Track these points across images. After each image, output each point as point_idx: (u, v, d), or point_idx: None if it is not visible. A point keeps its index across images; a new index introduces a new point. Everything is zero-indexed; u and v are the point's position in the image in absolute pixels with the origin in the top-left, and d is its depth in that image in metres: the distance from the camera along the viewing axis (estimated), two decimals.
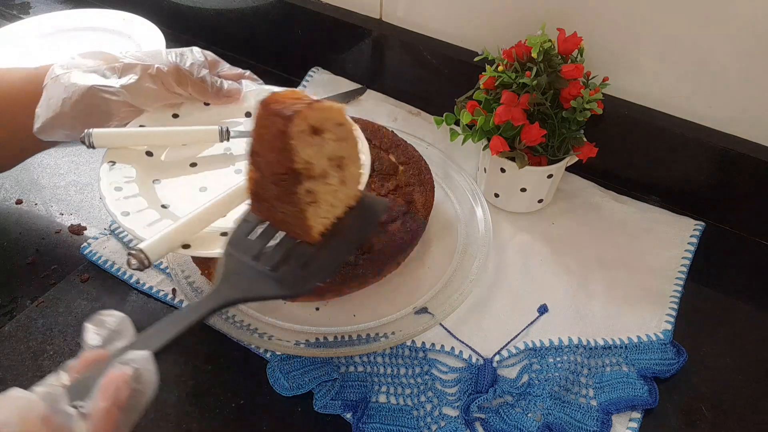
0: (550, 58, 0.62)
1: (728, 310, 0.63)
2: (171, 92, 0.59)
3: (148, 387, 0.36)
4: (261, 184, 0.44)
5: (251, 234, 0.46)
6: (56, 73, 0.57)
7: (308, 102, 0.42)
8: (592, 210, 0.71)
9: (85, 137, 0.55)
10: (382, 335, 0.57)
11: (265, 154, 0.43)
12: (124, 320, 0.38)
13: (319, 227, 0.45)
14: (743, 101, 0.64)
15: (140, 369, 0.36)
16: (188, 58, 0.60)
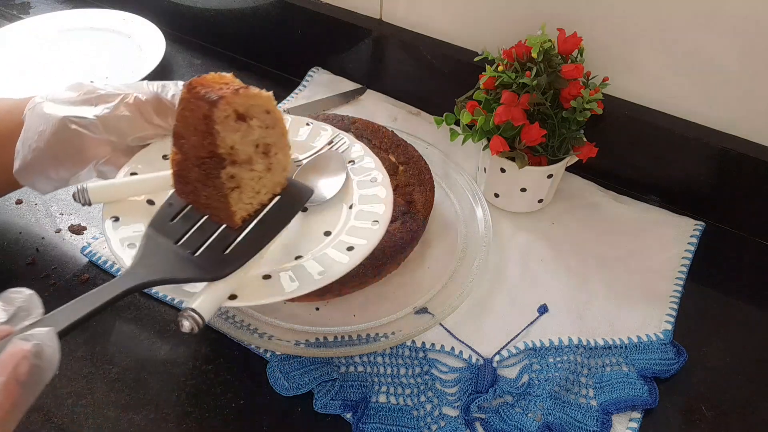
0: (550, 58, 0.62)
1: (728, 310, 0.63)
2: (150, 123, 0.54)
3: (50, 363, 0.36)
4: (184, 166, 0.44)
5: (174, 219, 0.46)
6: (34, 103, 0.54)
7: (236, 88, 0.42)
8: (592, 210, 0.71)
9: (79, 194, 0.50)
10: (382, 335, 0.57)
11: (189, 137, 0.43)
12: (32, 297, 0.38)
13: (242, 213, 0.46)
14: (743, 101, 0.64)
15: (41, 344, 0.35)
16: (170, 89, 0.55)
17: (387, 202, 0.53)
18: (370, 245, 0.50)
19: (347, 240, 0.51)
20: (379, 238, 0.50)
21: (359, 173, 0.58)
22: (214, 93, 0.41)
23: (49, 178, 0.54)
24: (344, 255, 0.49)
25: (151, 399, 0.54)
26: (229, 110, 0.42)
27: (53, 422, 0.52)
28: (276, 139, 0.47)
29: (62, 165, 0.54)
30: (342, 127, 0.69)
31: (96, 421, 0.52)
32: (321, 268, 0.48)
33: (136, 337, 0.58)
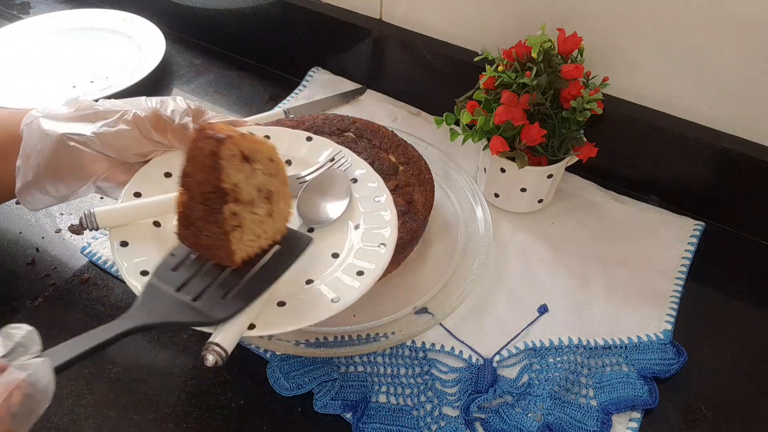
0: (550, 58, 0.62)
1: (728, 310, 0.63)
2: (149, 140, 0.54)
3: (44, 395, 0.36)
4: (189, 206, 0.45)
5: (177, 268, 0.47)
6: (32, 117, 0.54)
7: (242, 132, 0.45)
8: (592, 210, 0.71)
9: (86, 219, 0.51)
10: (382, 335, 0.57)
11: (196, 174, 0.44)
12: (32, 333, 0.38)
13: (242, 254, 0.47)
14: (743, 101, 0.64)
15: (36, 375, 0.35)
16: (169, 105, 0.55)
17: (392, 225, 0.55)
18: (378, 270, 0.51)
19: (356, 263, 0.52)
20: (387, 262, 0.52)
21: (362, 192, 0.59)
22: (222, 133, 0.43)
23: (48, 194, 0.55)
24: (355, 280, 0.51)
25: (151, 399, 0.54)
26: (235, 150, 0.44)
27: (53, 422, 0.52)
28: (278, 187, 0.48)
29: (62, 181, 0.54)
30: (342, 127, 0.69)
31: (96, 421, 0.52)
32: (334, 294, 0.50)
33: (136, 337, 0.58)
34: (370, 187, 0.59)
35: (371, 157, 0.66)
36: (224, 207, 0.44)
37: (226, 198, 0.44)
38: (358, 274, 0.51)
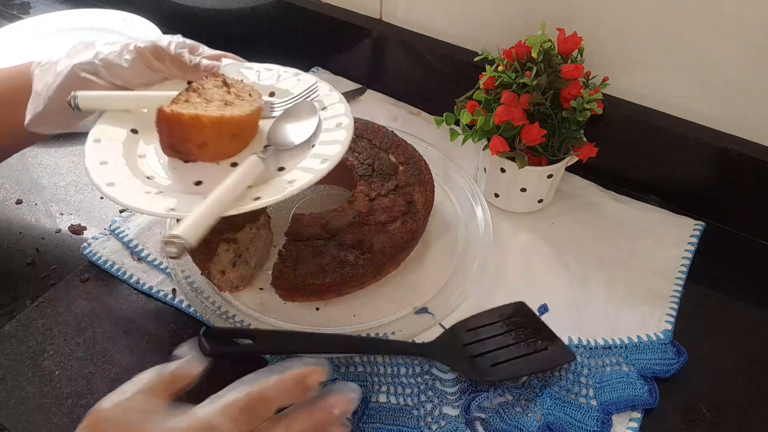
0: (550, 58, 0.62)
1: (728, 310, 0.63)
2: (150, 68, 0.59)
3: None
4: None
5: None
6: (45, 63, 0.59)
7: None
8: (592, 210, 0.71)
9: (71, 99, 0.55)
10: (382, 335, 0.57)
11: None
12: None
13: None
14: (743, 101, 0.64)
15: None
16: (166, 38, 0.60)
17: (343, 144, 0.55)
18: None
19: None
20: (323, 170, 0.52)
21: (327, 118, 0.59)
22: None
23: (58, 124, 0.58)
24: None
25: None
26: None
27: (53, 422, 0.52)
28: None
29: (71, 116, 0.57)
30: None
31: None
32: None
33: (135, 337, 0.58)
34: (337, 114, 0.59)
35: (371, 157, 0.66)
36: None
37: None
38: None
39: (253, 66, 0.66)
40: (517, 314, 0.59)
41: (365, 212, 0.61)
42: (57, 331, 0.58)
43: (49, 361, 0.56)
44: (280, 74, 0.65)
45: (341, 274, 0.57)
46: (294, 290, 0.58)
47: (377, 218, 0.60)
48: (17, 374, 0.55)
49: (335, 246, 0.58)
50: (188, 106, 0.54)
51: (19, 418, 0.52)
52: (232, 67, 0.65)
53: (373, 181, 0.64)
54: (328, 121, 0.58)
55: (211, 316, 0.58)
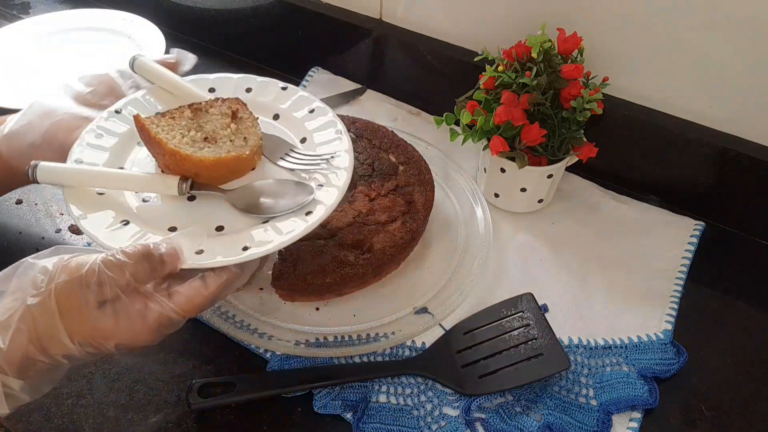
0: (550, 58, 0.62)
1: (728, 310, 0.62)
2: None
3: None
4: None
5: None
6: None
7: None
8: (592, 210, 0.71)
9: (29, 169, 0.50)
10: (382, 335, 0.57)
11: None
12: None
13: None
14: (743, 101, 0.64)
15: None
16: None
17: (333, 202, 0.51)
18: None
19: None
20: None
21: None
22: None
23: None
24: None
25: (151, 399, 0.54)
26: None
27: (53, 422, 0.52)
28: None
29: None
30: None
31: (96, 421, 0.52)
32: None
33: None
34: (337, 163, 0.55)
35: (371, 157, 0.66)
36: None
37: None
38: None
39: (315, 105, 0.60)
40: (522, 309, 0.58)
41: (365, 212, 0.61)
42: None
43: None
44: (324, 123, 0.58)
45: (341, 274, 0.57)
46: (294, 290, 0.58)
47: (377, 218, 0.60)
48: None
49: (335, 246, 0.58)
50: (166, 125, 0.52)
51: (19, 418, 0.52)
52: (303, 98, 0.60)
53: (373, 181, 0.64)
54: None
55: (210, 316, 0.58)
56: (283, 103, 0.60)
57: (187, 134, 0.53)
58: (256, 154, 0.54)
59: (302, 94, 0.60)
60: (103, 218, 0.50)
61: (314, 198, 0.51)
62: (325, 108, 0.59)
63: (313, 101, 0.60)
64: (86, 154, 0.54)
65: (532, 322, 0.57)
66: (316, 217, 0.50)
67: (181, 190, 0.51)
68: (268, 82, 0.62)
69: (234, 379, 0.53)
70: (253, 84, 0.62)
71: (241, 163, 0.53)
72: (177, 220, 0.51)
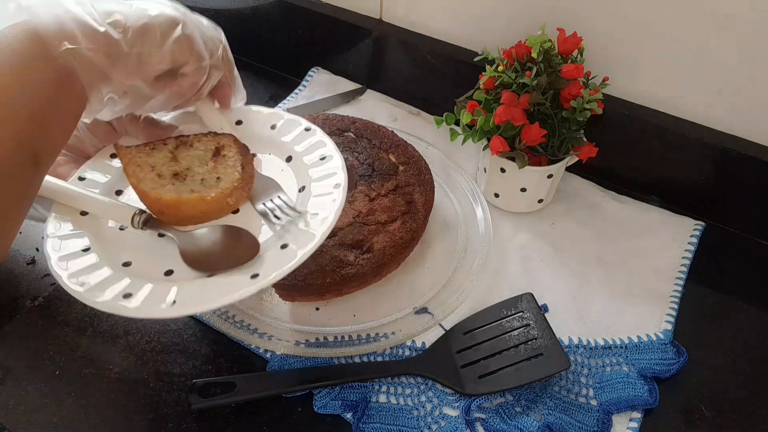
0: (550, 58, 0.62)
1: (728, 310, 0.63)
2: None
3: None
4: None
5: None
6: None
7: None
8: (592, 210, 0.71)
9: None
10: (382, 335, 0.57)
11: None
12: None
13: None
14: (743, 101, 0.64)
15: None
16: None
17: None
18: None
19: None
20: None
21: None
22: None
23: None
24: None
25: (151, 399, 0.54)
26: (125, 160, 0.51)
27: (53, 422, 0.52)
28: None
29: None
30: (342, 127, 0.69)
31: (96, 421, 0.52)
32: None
33: (136, 337, 0.58)
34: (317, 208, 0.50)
35: (371, 157, 0.66)
36: None
37: None
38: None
39: (326, 152, 0.54)
40: (522, 309, 0.58)
41: (365, 212, 0.61)
42: (57, 331, 0.58)
43: (49, 361, 0.56)
44: (326, 174, 0.53)
45: (341, 274, 0.57)
46: (294, 290, 0.58)
47: (377, 218, 0.60)
48: (17, 374, 0.55)
49: (335, 246, 0.58)
50: (144, 156, 0.50)
51: (19, 418, 0.52)
52: (319, 144, 0.55)
53: (373, 181, 0.64)
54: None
55: (210, 317, 0.58)
56: (299, 145, 0.56)
57: (159, 168, 0.50)
58: (232, 197, 0.50)
59: (320, 139, 0.55)
60: (70, 243, 0.49)
61: (259, 258, 0.46)
62: (335, 156, 0.53)
63: (325, 147, 0.54)
64: (89, 171, 0.53)
65: (532, 322, 0.57)
66: (261, 282, 0.44)
67: (134, 223, 0.49)
68: (293, 121, 0.57)
69: (234, 379, 0.53)
70: (279, 121, 0.58)
71: (209, 205, 0.49)
72: (136, 255, 0.48)
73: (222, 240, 0.49)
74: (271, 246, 0.47)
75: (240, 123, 0.58)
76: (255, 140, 0.56)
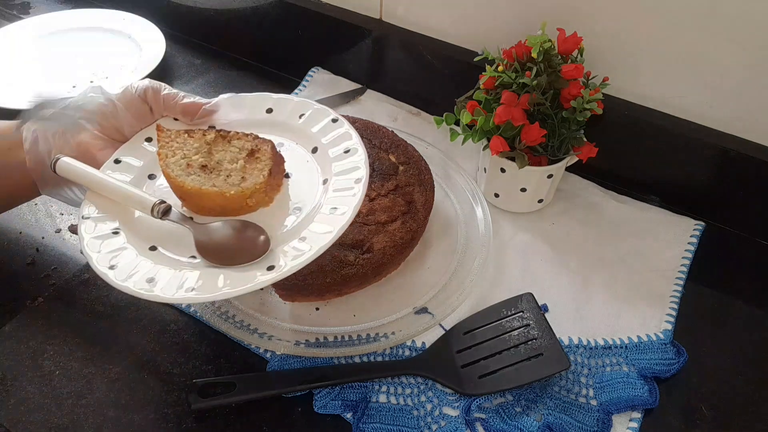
0: (550, 58, 0.62)
1: (728, 310, 0.63)
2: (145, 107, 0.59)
3: None
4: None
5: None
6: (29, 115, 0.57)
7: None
8: (592, 210, 0.71)
9: (52, 160, 0.53)
10: (382, 335, 0.57)
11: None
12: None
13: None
14: (743, 101, 0.64)
15: None
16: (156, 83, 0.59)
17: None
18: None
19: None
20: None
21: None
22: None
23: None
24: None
25: (151, 399, 0.54)
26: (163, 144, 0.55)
27: (53, 422, 0.52)
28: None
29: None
30: None
31: (96, 421, 0.52)
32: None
33: (136, 337, 0.58)
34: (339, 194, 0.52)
35: (371, 157, 0.66)
36: None
37: None
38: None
39: (352, 145, 0.55)
40: (522, 309, 0.58)
41: (365, 212, 0.61)
42: (57, 331, 0.58)
43: (49, 361, 0.56)
44: (348, 168, 0.54)
45: (341, 274, 0.57)
46: (294, 290, 0.58)
47: (377, 218, 0.60)
48: (17, 374, 0.55)
49: (335, 246, 0.58)
50: (180, 142, 0.53)
51: (19, 418, 0.52)
52: (344, 135, 0.56)
53: (373, 181, 0.64)
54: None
55: (210, 317, 0.58)
56: (326, 137, 0.56)
57: (190, 157, 0.52)
58: (252, 198, 0.52)
59: (346, 131, 0.56)
60: (101, 226, 0.52)
61: (271, 253, 0.48)
62: (359, 149, 0.54)
63: (351, 139, 0.55)
64: (125, 155, 0.56)
65: (532, 322, 0.57)
66: (275, 274, 0.46)
67: (154, 213, 0.51)
68: (321, 111, 0.58)
69: (234, 379, 0.53)
70: (307, 110, 0.59)
71: (228, 201, 0.51)
72: (162, 241, 0.51)
73: (234, 234, 0.51)
74: (289, 238, 0.50)
75: (270, 111, 0.60)
76: (283, 129, 0.58)
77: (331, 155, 0.55)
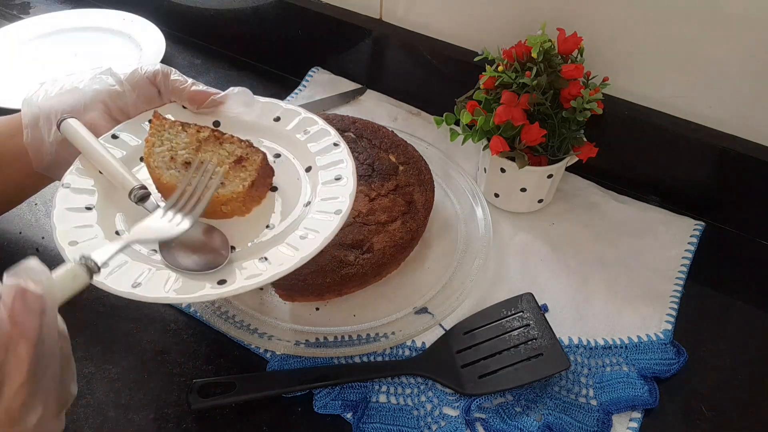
0: (550, 58, 0.62)
1: (728, 310, 0.63)
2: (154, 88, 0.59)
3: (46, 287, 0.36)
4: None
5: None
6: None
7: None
8: (592, 210, 0.71)
9: (59, 119, 0.54)
10: (382, 335, 0.57)
11: None
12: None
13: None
14: (743, 101, 0.64)
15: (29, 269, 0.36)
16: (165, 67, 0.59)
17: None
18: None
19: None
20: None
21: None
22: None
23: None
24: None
25: (151, 399, 0.54)
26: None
27: None
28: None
29: None
30: (342, 127, 0.69)
31: (96, 421, 0.52)
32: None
33: (136, 337, 0.58)
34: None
35: (371, 157, 0.66)
36: None
37: None
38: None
39: (343, 172, 0.53)
40: (522, 309, 0.58)
41: (365, 212, 0.61)
42: None
43: None
44: (329, 198, 0.52)
45: (341, 274, 0.57)
46: (294, 290, 0.58)
47: (377, 218, 0.60)
48: None
49: (335, 246, 0.58)
50: (171, 133, 0.52)
51: None
52: (337, 162, 0.54)
53: (373, 181, 0.64)
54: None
55: (210, 317, 0.58)
56: (322, 159, 0.55)
57: (176, 151, 0.51)
58: (228, 206, 0.50)
59: (343, 158, 0.54)
60: (76, 198, 0.51)
61: (227, 264, 0.47)
62: (350, 179, 0.52)
63: (345, 167, 0.53)
64: (123, 132, 0.56)
65: (532, 322, 0.57)
66: (224, 289, 0.45)
67: (131, 195, 0.50)
68: (324, 131, 0.57)
69: (234, 379, 0.53)
70: (312, 127, 0.57)
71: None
72: (129, 226, 0.50)
73: (197, 238, 0.49)
74: (252, 255, 0.48)
75: (278, 120, 0.59)
76: (286, 141, 0.57)
77: (321, 179, 0.53)
